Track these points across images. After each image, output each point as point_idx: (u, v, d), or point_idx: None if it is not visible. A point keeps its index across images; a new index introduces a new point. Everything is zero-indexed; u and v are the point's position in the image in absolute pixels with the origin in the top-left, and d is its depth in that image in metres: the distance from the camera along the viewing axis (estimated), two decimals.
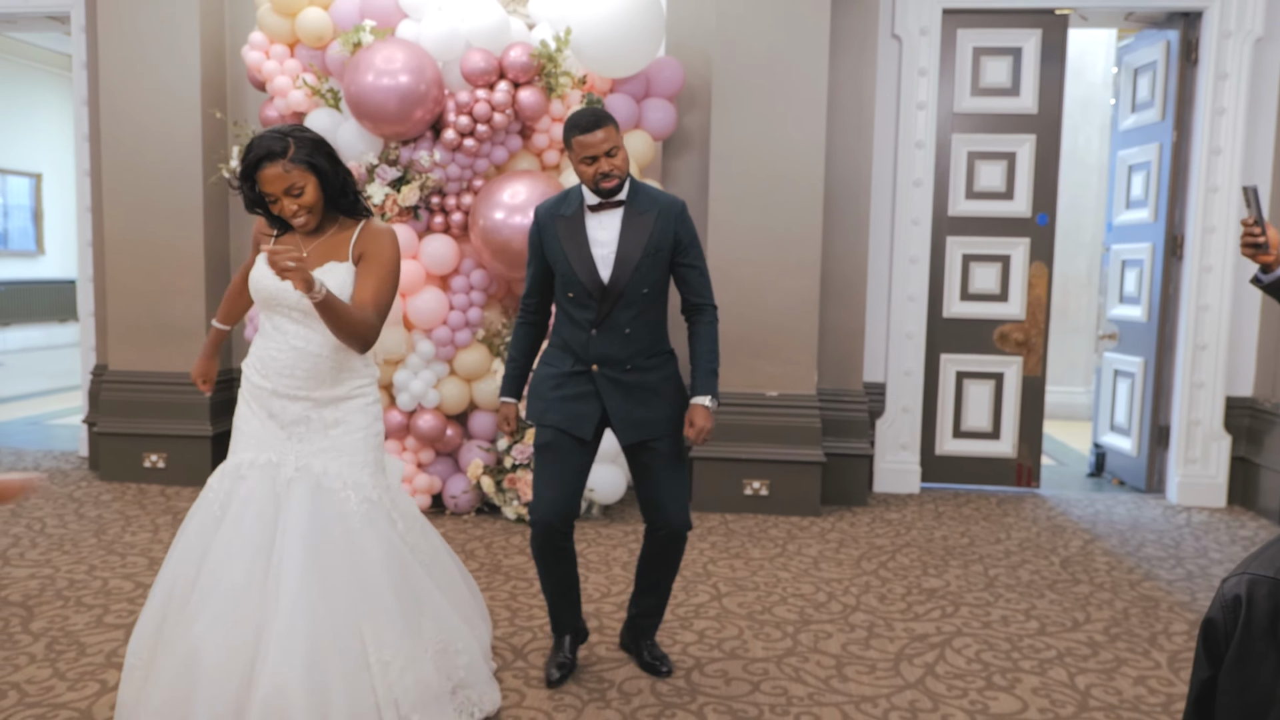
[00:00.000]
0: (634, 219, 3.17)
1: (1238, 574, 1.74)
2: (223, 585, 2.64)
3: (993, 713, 3.21)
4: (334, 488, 2.79)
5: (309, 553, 2.69)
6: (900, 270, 6.13)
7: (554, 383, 3.22)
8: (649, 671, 3.43)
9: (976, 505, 5.91)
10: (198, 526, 2.79)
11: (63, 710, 3.09)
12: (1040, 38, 6.06)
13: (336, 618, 2.68)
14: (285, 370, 2.81)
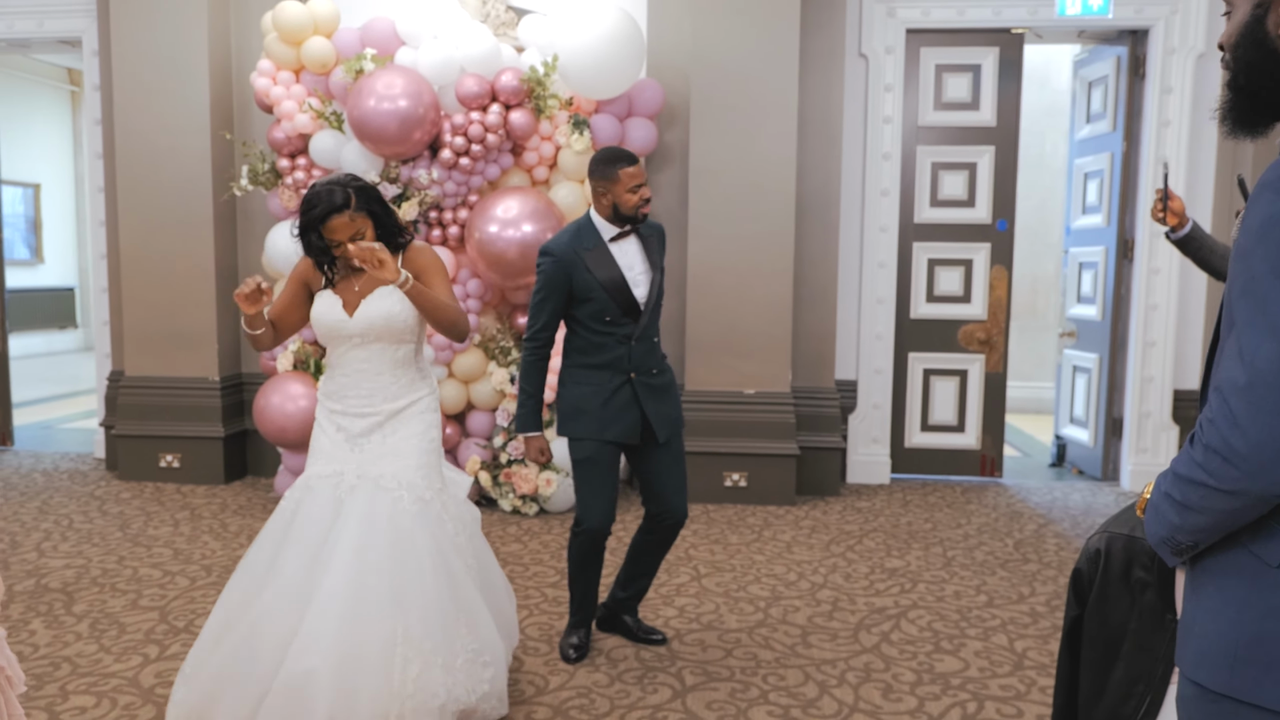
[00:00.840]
0: (647, 243, 3.63)
1: (1100, 532, 2.14)
2: (279, 579, 2.93)
3: (937, 672, 3.62)
4: (389, 487, 3.03)
5: (355, 553, 2.92)
6: (870, 275, 6.54)
7: (601, 399, 3.53)
8: (644, 642, 3.83)
9: (942, 494, 6.32)
10: (268, 534, 3.07)
11: (112, 679, 3.48)
12: (998, 55, 6.48)
13: (370, 614, 2.86)
14: (351, 392, 3.12)
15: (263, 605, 2.91)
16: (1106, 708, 2.10)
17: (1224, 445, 1.28)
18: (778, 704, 3.36)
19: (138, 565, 4.72)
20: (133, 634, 3.89)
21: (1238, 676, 1.35)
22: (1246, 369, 1.27)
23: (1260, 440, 1.25)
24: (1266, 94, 1.43)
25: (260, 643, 2.86)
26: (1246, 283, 1.31)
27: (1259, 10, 1.41)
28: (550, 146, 5.69)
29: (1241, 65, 1.44)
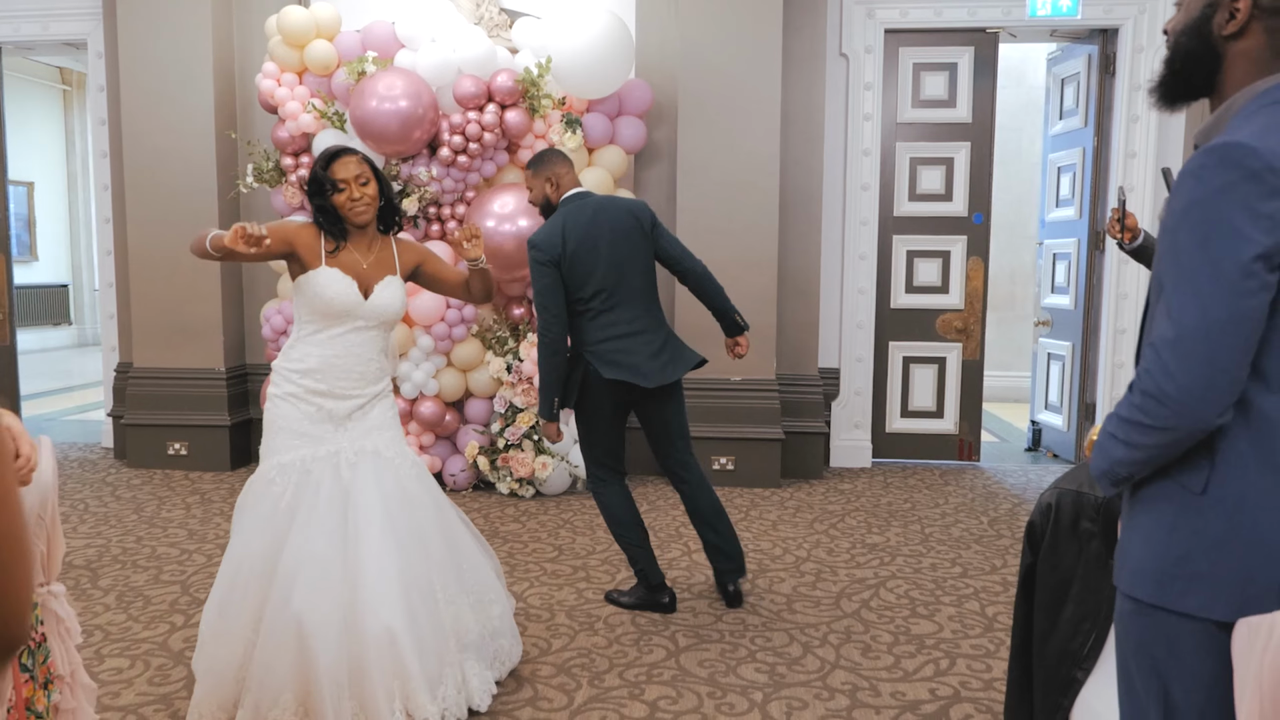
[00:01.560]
0: None
1: (1051, 489, 2.41)
2: (309, 561, 2.98)
3: (913, 634, 3.89)
4: (389, 457, 3.20)
5: (383, 518, 3.07)
6: (851, 266, 6.80)
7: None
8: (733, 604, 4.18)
9: (921, 477, 6.59)
10: (265, 514, 3.08)
11: (143, 644, 3.72)
12: (973, 54, 6.74)
13: (414, 568, 3.09)
14: (343, 373, 3.17)
15: (298, 604, 2.93)
16: (1057, 644, 2.37)
17: (1158, 390, 1.53)
18: (764, 662, 3.62)
19: (155, 544, 4.95)
20: (158, 605, 4.13)
21: (1166, 590, 1.60)
22: (1175, 326, 1.52)
23: (1187, 384, 1.50)
24: (1196, 79, 1.68)
25: (312, 636, 2.91)
26: (1173, 256, 1.56)
27: (1209, 9, 1.65)
28: (544, 144, 5.93)
29: (1181, 52, 1.68)
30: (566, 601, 4.23)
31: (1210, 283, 1.48)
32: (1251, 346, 1.48)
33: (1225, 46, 1.60)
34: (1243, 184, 1.46)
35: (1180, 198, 1.54)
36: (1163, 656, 1.61)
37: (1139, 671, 1.65)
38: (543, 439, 5.59)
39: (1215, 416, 1.49)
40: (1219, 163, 1.49)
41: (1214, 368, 1.48)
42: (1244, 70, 1.60)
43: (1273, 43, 1.56)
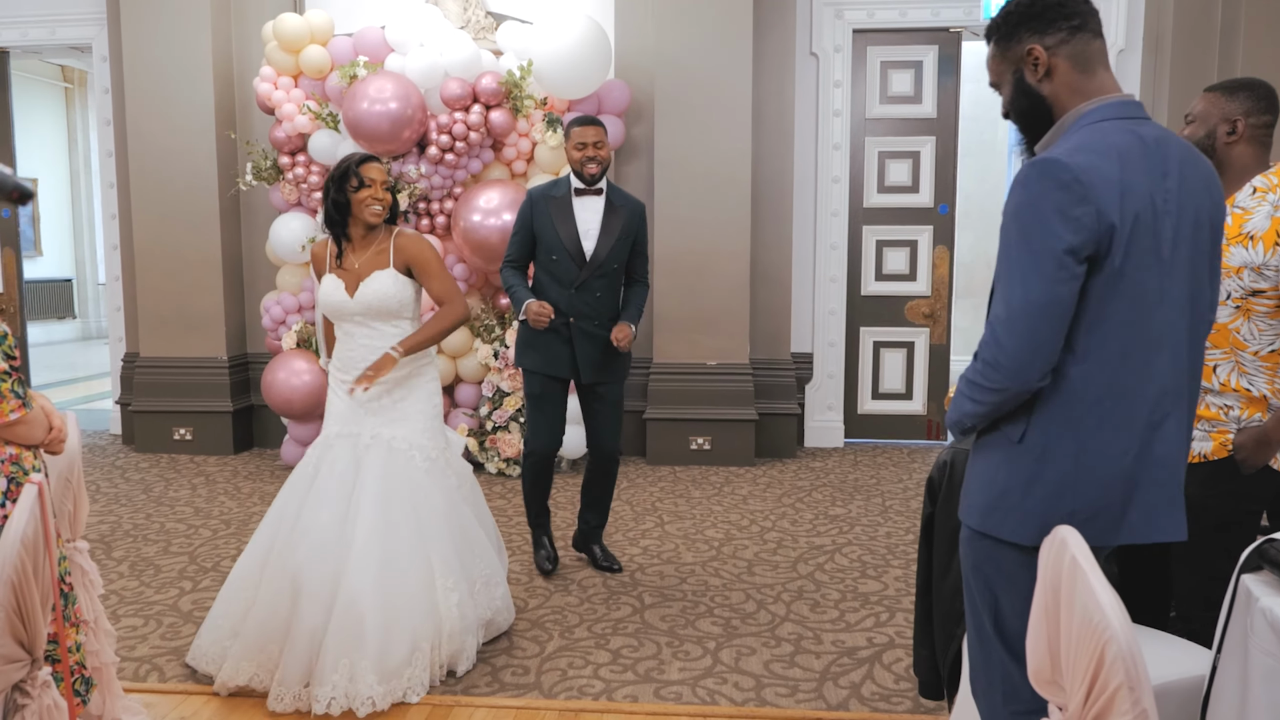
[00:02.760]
0: (613, 209, 4.20)
1: (947, 449, 2.76)
2: (314, 526, 3.32)
3: (860, 592, 4.24)
4: (401, 449, 3.47)
5: (381, 500, 3.36)
6: (822, 256, 7.14)
7: (545, 337, 4.16)
8: (603, 569, 4.48)
9: (890, 455, 6.93)
10: (295, 482, 3.48)
11: (155, 606, 4.08)
12: (937, 52, 7.07)
13: (403, 549, 3.34)
14: (358, 364, 3.49)
15: (299, 559, 3.28)
16: (951, 582, 2.72)
17: (993, 358, 1.88)
18: (720, 617, 3.97)
19: (164, 520, 5.30)
20: (168, 573, 4.48)
21: (990, 519, 1.96)
22: (1005, 307, 1.87)
23: (1014, 354, 1.85)
24: (1041, 125, 2.02)
25: (303, 593, 3.23)
26: (1005, 249, 1.91)
27: (1018, 73, 2.00)
28: (527, 143, 6.26)
29: (1022, 114, 2.03)
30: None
31: (1032, 272, 1.83)
32: (1065, 324, 1.83)
33: (1045, 89, 1.95)
34: (1056, 192, 1.81)
35: (1011, 202, 1.89)
36: (991, 573, 1.97)
37: (975, 585, 2.01)
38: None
39: (1036, 380, 1.85)
40: (1039, 175, 1.84)
41: (1035, 341, 1.83)
42: (1068, 97, 1.94)
43: (1076, 66, 1.92)
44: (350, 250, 3.55)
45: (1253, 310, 2.53)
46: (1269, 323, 2.53)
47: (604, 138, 4.17)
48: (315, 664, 3.17)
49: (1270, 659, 1.84)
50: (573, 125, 4.18)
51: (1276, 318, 2.53)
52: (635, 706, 3.25)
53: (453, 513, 3.58)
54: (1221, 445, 2.56)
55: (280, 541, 3.39)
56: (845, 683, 3.41)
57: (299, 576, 3.26)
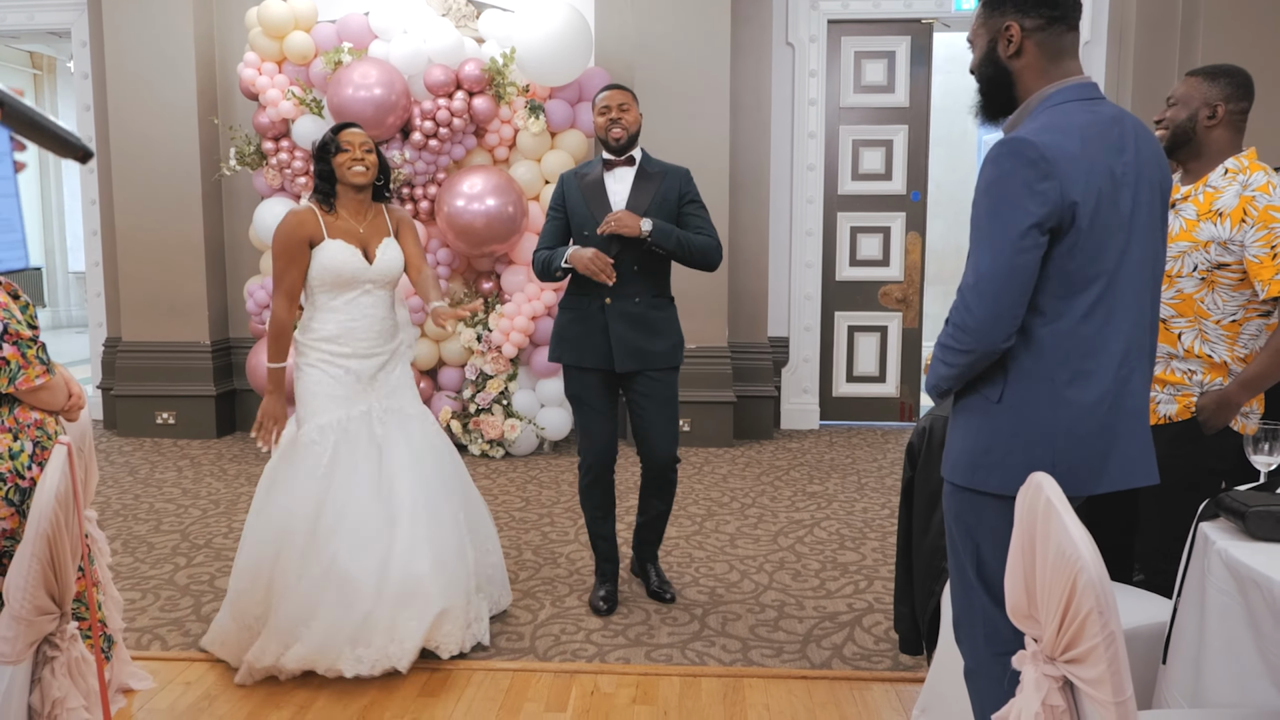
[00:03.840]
0: (644, 178, 3.75)
1: (927, 415, 2.90)
2: (351, 511, 3.27)
3: (839, 562, 4.39)
4: (414, 414, 3.52)
5: (414, 473, 3.39)
6: (798, 242, 7.28)
7: (578, 326, 3.73)
8: (654, 596, 3.96)
9: (864, 436, 7.10)
10: (309, 471, 3.33)
11: (151, 580, 4.17)
12: (910, 43, 7.22)
13: (443, 514, 3.41)
14: (362, 334, 3.43)
15: (341, 544, 3.23)
16: (930, 541, 2.87)
17: (962, 321, 2.02)
18: (706, 586, 4.11)
19: (153, 500, 5.37)
20: (161, 550, 4.57)
21: (974, 475, 2.10)
22: (974, 274, 2.01)
23: (981, 317, 1.99)
24: (1001, 97, 2.17)
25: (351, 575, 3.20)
26: (975, 222, 2.05)
27: (992, 42, 2.14)
28: (509, 129, 6.36)
29: (985, 80, 2.18)
30: (533, 542, 4.70)
31: (1000, 242, 1.97)
32: (1028, 290, 1.98)
33: (1012, 65, 2.09)
34: (1023, 169, 1.95)
35: (982, 177, 2.03)
36: (974, 524, 2.11)
37: (959, 536, 2.15)
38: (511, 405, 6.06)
39: (1002, 341, 1.99)
40: (1008, 153, 1.98)
41: (1000, 305, 1.97)
42: (1032, 79, 2.09)
43: (1045, 53, 2.06)
44: (346, 215, 3.46)
45: (1217, 282, 2.69)
46: (1231, 294, 2.69)
47: (630, 101, 3.77)
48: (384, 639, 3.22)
49: (1225, 596, 2.00)
50: (597, 94, 3.82)
51: (1239, 290, 2.68)
52: (628, 668, 3.38)
53: (460, 473, 3.67)
54: (1185, 408, 2.72)
55: (298, 538, 3.28)
56: (827, 644, 3.56)
57: (346, 570, 3.22)
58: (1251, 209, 2.63)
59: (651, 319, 3.75)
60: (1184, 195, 2.79)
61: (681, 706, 3.13)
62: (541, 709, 3.12)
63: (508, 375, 6.39)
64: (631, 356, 3.71)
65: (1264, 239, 2.60)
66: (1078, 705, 1.77)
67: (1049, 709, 1.77)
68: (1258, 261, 2.61)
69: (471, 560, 3.53)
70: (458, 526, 3.50)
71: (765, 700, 3.17)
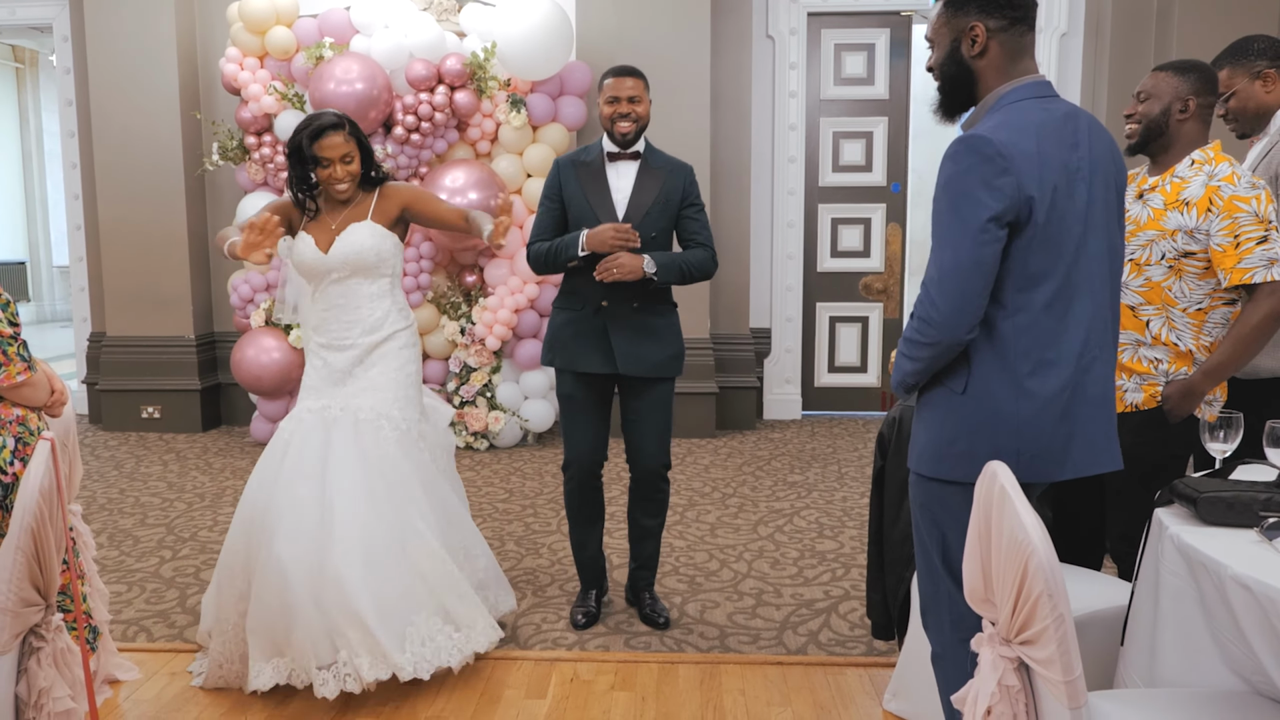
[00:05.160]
0: (649, 172, 3.52)
1: (896, 407, 2.96)
2: (289, 504, 3.16)
3: (817, 550, 4.46)
4: (368, 419, 3.30)
5: (357, 472, 3.21)
6: (780, 233, 7.34)
7: (573, 329, 3.55)
8: (647, 622, 3.71)
9: (846, 426, 7.17)
10: (267, 460, 3.31)
11: (137, 573, 4.21)
12: (889, 35, 7.28)
13: (385, 520, 3.18)
14: (332, 324, 3.36)
15: (279, 541, 3.11)
16: (901, 529, 2.93)
17: (926, 314, 2.08)
18: (685, 575, 4.17)
19: (138, 494, 5.41)
20: (146, 543, 4.61)
21: (940, 465, 2.16)
22: (937, 268, 2.07)
23: (945, 310, 2.05)
24: (961, 95, 2.23)
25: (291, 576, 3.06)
26: (936, 217, 2.11)
27: (956, 41, 2.19)
28: (491, 123, 6.40)
29: (948, 78, 2.23)
30: (515, 533, 4.76)
31: (961, 236, 2.03)
32: (989, 282, 2.04)
33: (975, 65, 2.15)
34: (981, 165, 2.01)
35: (942, 174, 2.09)
36: (939, 513, 2.17)
37: (924, 525, 2.21)
38: (494, 397, 6.12)
39: (965, 333, 2.05)
40: (966, 150, 2.04)
41: (963, 298, 2.03)
42: (993, 78, 2.15)
43: (1008, 51, 2.12)
44: (326, 213, 3.41)
45: (1184, 270, 2.75)
46: (1198, 282, 2.75)
47: (641, 91, 3.49)
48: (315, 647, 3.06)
49: (1178, 580, 2.06)
50: (605, 77, 3.50)
51: (1205, 278, 2.75)
52: (607, 655, 3.44)
53: (427, 482, 3.40)
54: (1151, 397, 2.79)
55: (257, 526, 3.23)
56: (804, 631, 3.62)
57: (282, 560, 3.09)
58: (1217, 199, 2.69)
59: (652, 325, 3.58)
60: (1151, 185, 2.85)
61: (659, 693, 3.19)
62: (522, 696, 3.18)
63: (491, 368, 6.44)
64: (632, 361, 3.53)
65: (1228, 228, 2.66)
66: (1032, 685, 1.84)
67: (1005, 689, 1.83)
68: (1221, 250, 2.67)
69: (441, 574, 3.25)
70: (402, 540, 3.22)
71: (741, 686, 3.23)
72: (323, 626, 3.04)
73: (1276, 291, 2.64)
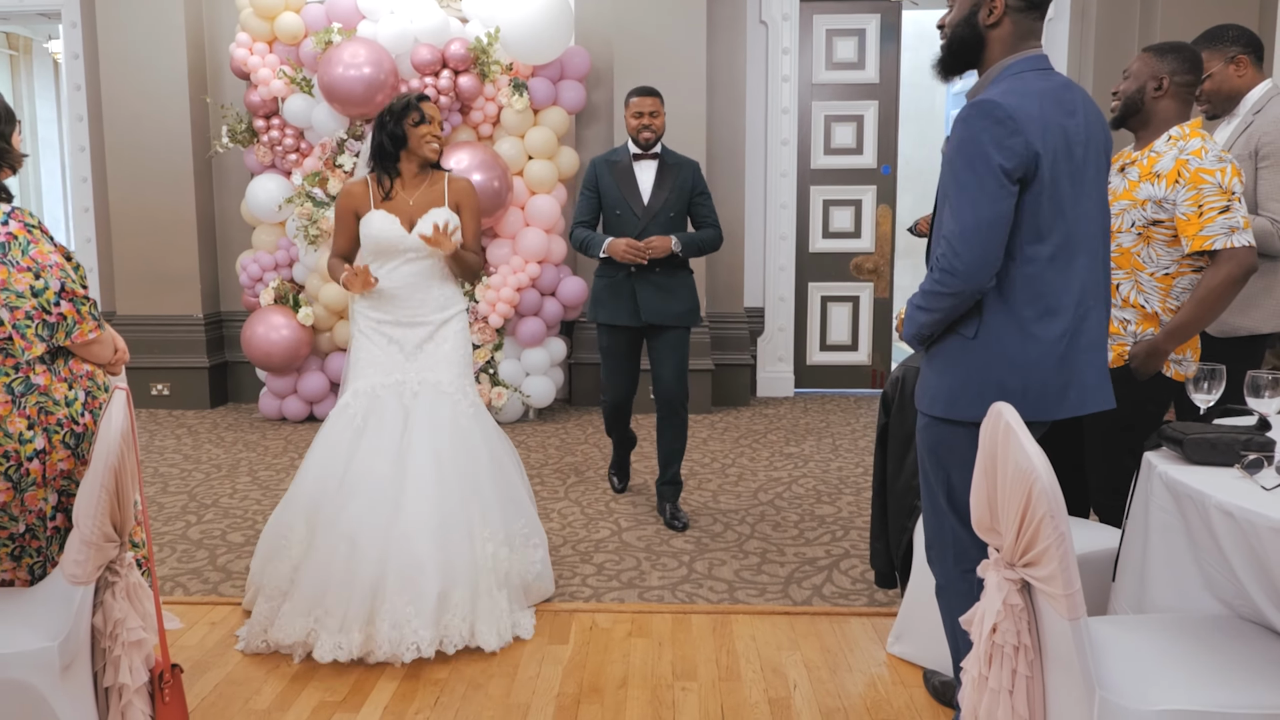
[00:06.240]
0: (666, 167, 4.55)
1: (899, 366, 3.16)
2: (370, 478, 3.29)
3: (817, 514, 4.67)
4: (449, 393, 3.46)
5: (432, 453, 3.34)
6: (773, 214, 7.53)
7: (608, 290, 4.51)
8: (670, 527, 4.47)
9: (838, 403, 7.37)
10: (338, 433, 3.42)
11: (165, 535, 4.38)
12: (879, 21, 7.47)
13: (454, 500, 3.32)
14: (404, 302, 3.49)
15: (353, 514, 3.25)
16: (904, 481, 3.13)
17: (950, 265, 2.26)
18: (691, 536, 4.37)
19: (156, 465, 5.57)
20: (171, 509, 4.78)
21: (953, 406, 2.35)
22: (959, 224, 2.25)
23: (970, 261, 2.23)
24: (966, 58, 2.41)
25: (358, 546, 3.20)
26: (953, 177, 2.29)
27: (975, 6, 2.37)
28: (494, 106, 6.56)
29: (957, 39, 2.41)
30: None
31: (979, 193, 2.22)
32: (1006, 234, 2.23)
33: (987, 33, 2.34)
34: (993, 126, 2.20)
35: (955, 136, 2.28)
36: (945, 455, 2.37)
37: (931, 466, 2.41)
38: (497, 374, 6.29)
39: (986, 282, 2.25)
40: (978, 114, 2.23)
41: (986, 249, 2.22)
42: (999, 49, 2.34)
43: (1019, 30, 2.31)
44: (400, 187, 3.57)
45: (1153, 238, 2.96)
46: (1166, 249, 2.96)
47: (659, 107, 4.52)
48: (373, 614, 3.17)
49: (1166, 514, 2.26)
50: (631, 95, 4.53)
51: (1172, 246, 2.96)
52: (623, 606, 3.64)
53: (494, 460, 3.55)
54: (1119, 356, 3.00)
55: (328, 498, 3.35)
56: (808, 585, 3.83)
57: (355, 532, 3.24)
58: (1185, 171, 2.90)
59: (670, 285, 4.51)
60: (1131, 160, 3.05)
61: (675, 639, 3.39)
62: (545, 642, 3.37)
63: (494, 345, 6.61)
64: (654, 313, 4.47)
65: (1192, 198, 2.87)
66: (1033, 603, 2.04)
67: (1009, 608, 2.03)
68: (1185, 219, 2.88)
69: (493, 556, 3.39)
70: (470, 519, 3.38)
71: (751, 632, 3.43)
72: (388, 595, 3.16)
73: (1235, 257, 2.85)
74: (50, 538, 2.62)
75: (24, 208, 2.54)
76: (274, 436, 6.27)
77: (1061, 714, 1.99)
